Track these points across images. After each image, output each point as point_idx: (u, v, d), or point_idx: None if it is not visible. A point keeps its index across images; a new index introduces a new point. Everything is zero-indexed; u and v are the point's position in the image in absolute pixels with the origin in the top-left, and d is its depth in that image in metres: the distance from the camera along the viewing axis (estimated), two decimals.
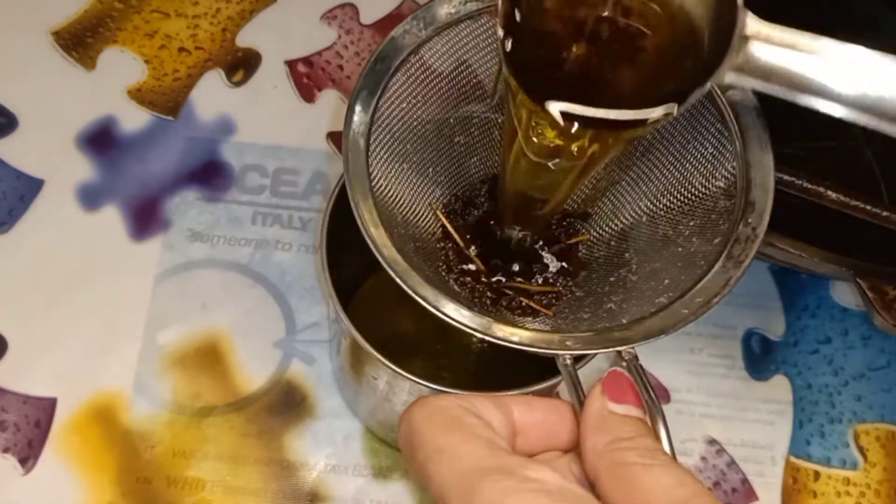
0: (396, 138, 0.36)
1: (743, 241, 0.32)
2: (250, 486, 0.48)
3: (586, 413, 0.27)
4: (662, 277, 0.34)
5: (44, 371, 0.50)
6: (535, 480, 0.23)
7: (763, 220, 0.32)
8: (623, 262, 0.38)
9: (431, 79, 0.36)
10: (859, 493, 0.50)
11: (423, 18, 0.35)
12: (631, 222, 0.38)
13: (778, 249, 0.44)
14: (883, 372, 0.53)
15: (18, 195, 0.54)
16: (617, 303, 0.35)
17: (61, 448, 0.48)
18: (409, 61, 0.35)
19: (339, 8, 0.61)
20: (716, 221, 0.34)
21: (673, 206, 0.36)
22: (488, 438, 0.25)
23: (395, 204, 0.36)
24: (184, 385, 0.50)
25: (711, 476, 0.50)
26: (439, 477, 0.24)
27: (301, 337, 0.51)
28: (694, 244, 0.34)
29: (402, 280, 0.31)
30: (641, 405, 0.27)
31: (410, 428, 0.26)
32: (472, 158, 0.40)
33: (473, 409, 0.26)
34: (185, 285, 0.52)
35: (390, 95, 0.35)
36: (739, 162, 0.33)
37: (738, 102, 0.34)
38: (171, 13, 0.60)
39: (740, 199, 0.33)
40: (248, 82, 0.58)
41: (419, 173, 0.38)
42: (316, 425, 0.50)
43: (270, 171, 0.56)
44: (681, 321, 0.31)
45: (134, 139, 0.56)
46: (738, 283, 0.32)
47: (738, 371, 0.53)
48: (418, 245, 0.37)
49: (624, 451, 0.25)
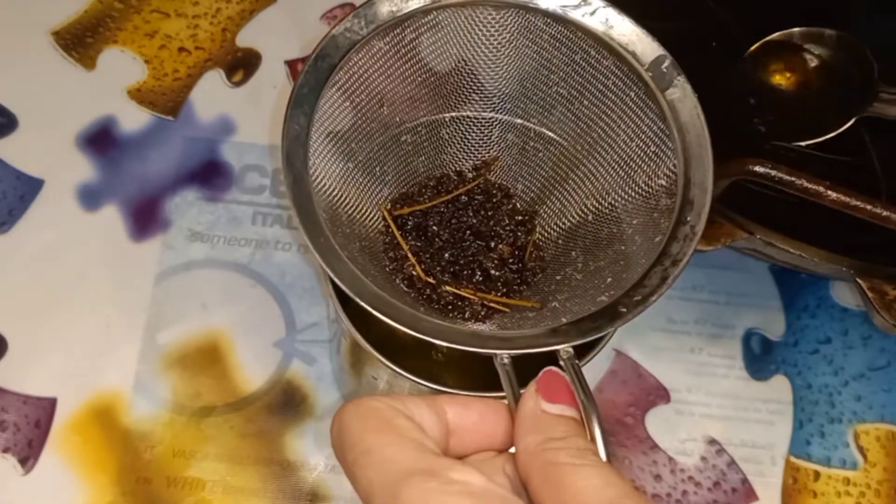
0: (340, 137, 0.36)
1: (682, 240, 0.32)
2: (250, 486, 0.48)
3: (520, 413, 0.27)
4: (605, 276, 0.35)
5: (44, 371, 0.50)
6: (458, 482, 0.23)
7: (701, 219, 0.33)
8: (569, 260, 0.38)
9: (374, 78, 0.36)
10: (859, 493, 0.50)
11: (364, 16, 0.35)
12: (578, 221, 0.39)
13: (778, 249, 0.44)
14: (883, 372, 0.53)
15: (18, 195, 0.54)
16: (561, 301, 0.35)
17: (61, 448, 0.48)
18: (350, 59, 0.35)
19: (339, 8, 0.61)
20: (657, 220, 0.34)
21: (618, 204, 0.37)
22: (417, 440, 0.25)
23: (339, 202, 0.36)
24: (184, 385, 0.50)
25: (711, 476, 0.50)
26: (366, 479, 0.24)
27: (301, 337, 0.51)
28: (636, 242, 0.35)
29: (337, 278, 0.31)
30: (576, 405, 0.27)
31: (341, 427, 0.26)
32: (420, 157, 0.40)
33: (406, 410, 0.26)
34: (185, 285, 0.52)
35: (332, 94, 0.35)
36: (680, 160, 0.34)
37: (677, 100, 0.34)
38: (171, 13, 0.60)
39: (680, 198, 0.33)
40: (248, 82, 0.58)
41: (365, 172, 0.38)
42: (316, 425, 0.50)
43: (270, 171, 0.56)
44: (618, 318, 0.31)
45: (134, 139, 0.56)
46: (738, 282, 0.32)
47: (738, 371, 0.53)
48: (364, 244, 0.37)
49: (555, 451, 0.25)
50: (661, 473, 0.50)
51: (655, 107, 0.35)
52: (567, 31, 0.36)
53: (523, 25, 0.37)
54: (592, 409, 0.27)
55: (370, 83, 0.36)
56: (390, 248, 0.38)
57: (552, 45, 0.37)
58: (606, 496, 0.23)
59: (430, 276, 0.38)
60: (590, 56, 0.36)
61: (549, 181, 0.40)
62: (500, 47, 0.38)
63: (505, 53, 0.38)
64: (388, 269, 0.38)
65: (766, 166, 0.44)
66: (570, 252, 0.38)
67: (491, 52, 0.38)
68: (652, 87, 0.34)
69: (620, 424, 0.51)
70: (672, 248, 0.32)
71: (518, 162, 0.41)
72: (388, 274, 0.38)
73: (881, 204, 0.43)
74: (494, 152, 0.41)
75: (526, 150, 0.40)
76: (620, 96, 0.36)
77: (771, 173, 0.43)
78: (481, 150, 0.41)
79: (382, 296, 0.31)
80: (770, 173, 0.44)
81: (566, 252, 0.38)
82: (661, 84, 0.34)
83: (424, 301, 0.37)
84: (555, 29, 0.36)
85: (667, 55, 0.35)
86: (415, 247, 0.38)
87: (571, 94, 0.38)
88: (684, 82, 0.34)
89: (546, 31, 0.36)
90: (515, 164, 0.41)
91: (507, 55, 0.38)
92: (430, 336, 0.30)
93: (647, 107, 0.35)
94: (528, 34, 0.37)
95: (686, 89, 0.34)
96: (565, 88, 0.38)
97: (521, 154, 0.40)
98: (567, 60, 0.37)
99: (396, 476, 0.23)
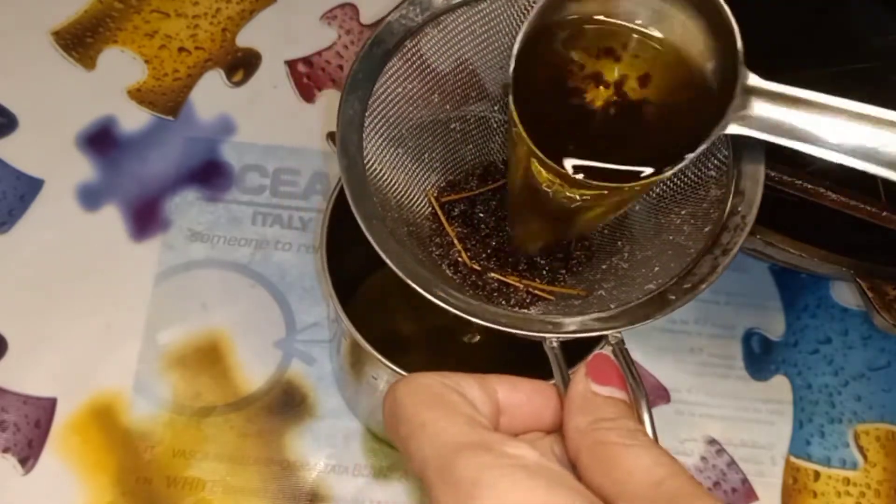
0: (392, 123, 0.36)
1: (732, 230, 0.33)
2: (250, 486, 0.48)
3: (570, 394, 0.27)
4: (653, 265, 0.35)
5: (44, 371, 0.50)
6: (512, 456, 0.23)
7: (752, 210, 0.33)
8: (615, 250, 0.38)
9: (427, 65, 0.36)
10: (859, 493, 0.50)
11: (419, 4, 0.35)
12: (624, 211, 0.38)
13: (778, 249, 0.44)
14: (883, 372, 0.53)
15: (18, 195, 0.54)
16: (608, 290, 0.36)
17: (61, 448, 0.48)
18: (404, 46, 0.35)
19: (339, 8, 0.61)
20: (707, 210, 0.34)
21: (666, 194, 0.37)
22: (469, 415, 0.25)
23: (389, 188, 0.36)
24: (184, 385, 0.50)
25: (711, 476, 0.50)
26: (420, 452, 0.24)
27: (301, 337, 0.51)
28: (684, 232, 0.35)
29: (387, 257, 0.31)
30: (625, 388, 0.28)
31: (395, 403, 0.26)
32: (469, 146, 0.40)
33: (458, 387, 0.26)
34: (185, 285, 0.52)
35: (386, 80, 0.35)
36: (731, 152, 0.34)
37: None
38: (171, 13, 0.60)
39: (730, 189, 0.33)
40: (248, 82, 0.58)
41: (414, 158, 0.38)
42: (316, 425, 0.50)
43: (270, 171, 0.56)
44: (667, 306, 0.31)
45: (134, 139, 0.56)
46: (738, 282, 0.32)
47: (738, 371, 0.53)
48: (411, 230, 0.37)
49: (605, 431, 0.25)
50: None
51: None
52: None
53: None
54: (641, 392, 0.27)
55: (423, 70, 0.36)
56: (437, 234, 0.39)
57: None
58: (657, 475, 0.24)
59: (475, 262, 0.38)
60: None
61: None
62: None
63: None
64: (434, 255, 0.38)
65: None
66: (617, 241, 0.38)
67: None
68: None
69: None
70: (723, 238, 0.32)
71: None
72: (435, 259, 0.38)
73: (881, 204, 0.44)
74: None
75: None
76: None
77: (771, 173, 0.43)
78: None
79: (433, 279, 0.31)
80: (770, 173, 0.44)
81: (612, 241, 0.38)
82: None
83: (470, 287, 0.38)
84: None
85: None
86: (461, 233, 0.39)
87: None
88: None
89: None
90: None
91: None
92: (481, 319, 0.30)
93: None
94: None
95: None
96: None
97: None
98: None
99: (451, 448, 0.24)
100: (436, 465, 0.24)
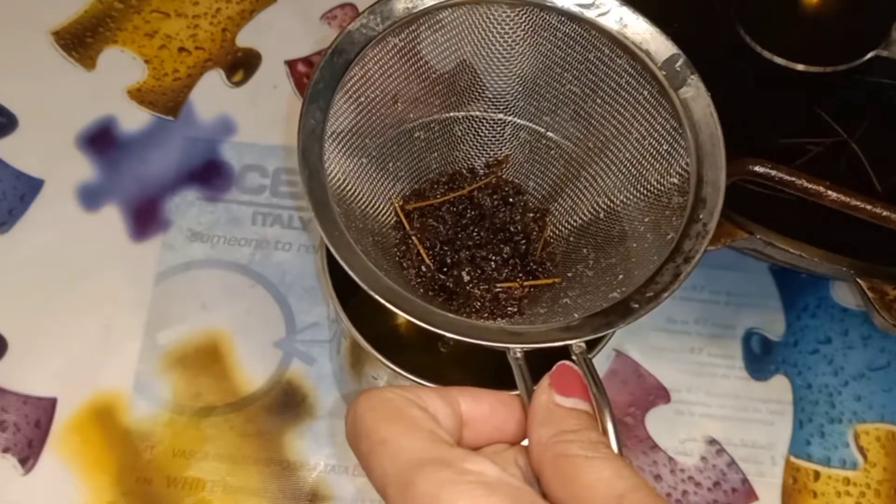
0: (354, 132, 0.36)
1: (693, 237, 0.33)
2: (250, 486, 0.48)
3: (533, 405, 0.27)
4: (617, 272, 0.35)
5: (44, 371, 0.50)
6: (472, 472, 0.23)
7: (713, 217, 0.33)
8: (580, 257, 0.38)
9: (389, 73, 0.36)
10: (859, 493, 0.50)
11: (379, 13, 0.35)
12: (589, 218, 0.39)
13: (778, 249, 0.44)
14: (883, 372, 0.53)
15: (18, 195, 0.54)
16: (573, 298, 0.36)
17: (61, 448, 0.48)
18: (365, 55, 0.35)
19: (339, 8, 0.61)
20: (669, 217, 0.34)
21: (630, 202, 0.37)
22: (430, 430, 0.25)
23: (353, 197, 0.36)
24: (184, 385, 0.50)
25: (711, 476, 0.50)
26: (380, 469, 0.24)
27: (301, 337, 0.51)
28: (648, 240, 0.35)
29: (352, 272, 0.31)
30: (589, 399, 0.27)
31: (356, 418, 0.26)
32: (433, 154, 0.40)
33: (419, 401, 0.26)
34: (185, 285, 0.52)
35: (347, 89, 0.35)
36: (692, 159, 0.34)
37: (690, 99, 0.34)
38: (171, 13, 0.60)
39: (692, 196, 0.33)
40: (248, 82, 0.58)
41: (378, 167, 0.38)
42: (316, 425, 0.50)
43: (270, 171, 0.56)
44: (630, 315, 0.31)
45: (134, 139, 0.56)
46: (738, 282, 0.32)
47: (738, 371, 0.53)
48: (377, 239, 0.37)
49: (568, 444, 0.25)
50: (661, 473, 0.50)
51: (668, 105, 0.35)
52: (581, 29, 0.36)
53: (537, 23, 0.37)
54: (605, 402, 0.27)
55: (385, 79, 0.36)
56: (402, 242, 0.39)
57: (566, 44, 0.37)
58: (617, 488, 0.23)
59: (441, 270, 0.38)
60: (603, 54, 0.36)
61: (560, 179, 0.40)
62: (513, 45, 0.38)
63: (518, 51, 0.38)
64: (400, 265, 0.38)
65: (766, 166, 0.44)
66: (582, 249, 0.38)
67: (505, 50, 0.38)
68: (665, 85, 0.34)
69: (620, 424, 0.51)
70: (684, 246, 0.32)
71: (530, 159, 0.41)
72: (401, 269, 0.38)
73: (881, 204, 0.44)
74: (507, 150, 0.41)
75: (538, 148, 0.40)
76: (633, 95, 0.36)
77: (771, 173, 0.43)
78: (493, 147, 0.41)
79: (396, 289, 0.31)
80: (770, 173, 0.44)
81: (577, 249, 0.39)
82: (675, 83, 0.34)
83: (434, 295, 0.38)
84: (569, 27, 0.36)
85: (680, 54, 0.35)
86: (426, 242, 0.39)
87: (584, 92, 0.38)
88: (698, 81, 0.34)
89: (560, 30, 0.37)
90: (527, 161, 0.41)
91: (520, 53, 0.38)
92: (443, 330, 0.30)
93: (660, 105, 0.35)
94: (542, 32, 0.37)
95: (699, 88, 0.34)
96: (578, 87, 0.38)
97: (533, 152, 0.40)
98: (580, 59, 0.37)
99: (411, 465, 0.23)
100: (396, 482, 0.23)
